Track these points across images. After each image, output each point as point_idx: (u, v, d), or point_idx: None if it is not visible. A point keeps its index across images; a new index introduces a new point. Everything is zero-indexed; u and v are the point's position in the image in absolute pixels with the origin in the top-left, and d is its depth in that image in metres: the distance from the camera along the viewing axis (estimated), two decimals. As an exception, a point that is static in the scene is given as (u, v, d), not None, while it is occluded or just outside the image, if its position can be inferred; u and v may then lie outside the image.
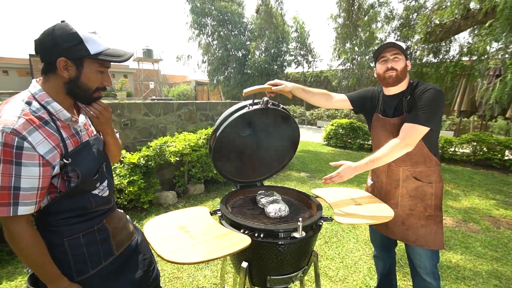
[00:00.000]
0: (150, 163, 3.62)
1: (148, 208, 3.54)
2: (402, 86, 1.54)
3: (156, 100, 6.81)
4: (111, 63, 1.00)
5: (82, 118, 1.08)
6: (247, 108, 1.48)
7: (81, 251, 1.00)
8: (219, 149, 1.56)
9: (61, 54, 0.89)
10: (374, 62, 1.64)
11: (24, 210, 0.86)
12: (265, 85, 1.55)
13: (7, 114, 0.85)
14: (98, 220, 1.08)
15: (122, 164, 3.47)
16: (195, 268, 2.40)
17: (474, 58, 5.45)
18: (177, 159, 3.83)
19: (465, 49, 5.55)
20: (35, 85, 0.94)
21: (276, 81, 1.57)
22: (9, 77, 18.63)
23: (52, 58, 0.90)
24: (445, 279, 2.28)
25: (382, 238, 1.82)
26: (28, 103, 0.90)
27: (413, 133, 1.41)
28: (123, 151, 3.61)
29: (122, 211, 1.30)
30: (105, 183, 1.11)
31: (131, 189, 3.27)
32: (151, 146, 3.81)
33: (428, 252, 1.55)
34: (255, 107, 1.48)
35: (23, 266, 2.36)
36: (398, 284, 2.16)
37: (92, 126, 1.15)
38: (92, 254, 1.03)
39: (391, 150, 1.42)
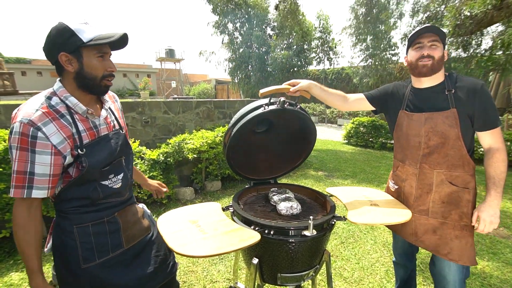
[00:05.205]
0: (169, 159, 3.72)
1: (167, 203, 3.65)
2: (437, 78, 1.37)
3: (177, 99, 6.98)
4: (112, 50, 1.06)
5: (103, 113, 1.14)
6: (262, 108, 1.43)
7: (88, 240, 1.06)
8: (233, 147, 1.57)
9: (60, 49, 0.96)
10: (406, 49, 1.46)
11: (37, 193, 0.94)
12: (283, 86, 1.48)
13: (27, 107, 0.94)
14: (109, 212, 1.12)
15: (143, 160, 3.60)
16: (209, 263, 2.45)
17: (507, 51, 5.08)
18: (195, 156, 3.90)
19: (498, 42, 5.19)
20: (57, 83, 1.03)
21: (293, 81, 1.49)
22: (43, 78, 19.93)
23: (55, 57, 0.97)
24: (469, 286, 2.15)
25: (405, 247, 1.70)
26: (49, 98, 0.99)
27: (501, 137, 1.33)
28: (143, 148, 3.74)
29: (142, 206, 1.34)
30: (120, 176, 1.15)
31: (150, 184, 3.38)
32: (170, 143, 3.91)
33: (460, 265, 1.39)
34: (271, 107, 1.43)
35: (51, 254, 2.52)
36: (417, 288, 2.07)
37: (114, 121, 1.20)
38: (99, 244, 1.08)
39: (505, 163, 1.30)
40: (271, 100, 1.46)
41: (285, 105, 1.43)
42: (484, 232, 1.33)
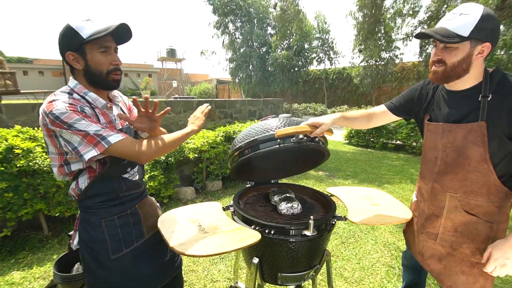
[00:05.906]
0: (170, 159, 3.72)
1: (168, 203, 3.66)
2: (471, 79, 1.06)
3: (178, 99, 6.99)
4: (116, 44, 1.08)
5: (115, 109, 1.18)
6: (277, 146, 1.29)
7: (116, 232, 1.11)
8: (239, 168, 1.51)
9: (67, 49, 0.99)
10: None
11: (114, 138, 0.97)
12: (302, 127, 1.28)
13: (59, 101, 0.96)
14: (131, 205, 1.18)
15: (144, 160, 3.60)
16: (210, 262, 2.45)
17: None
18: (196, 155, 3.91)
19: (500, 42, 5.17)
20: (73, 81, 1.06)
21: (313, 121, 1.27)
22: (44, 77, 20.04)
23: (65, 57, 1.01)
24: (470, 286, 2.15)
25: (413, 261, 1.58)
26: (70, 94, 1.02)
27: None
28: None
29: (153, 198, 1.40)
30: (135, 169, 1.21)
31: (151, 183, 3.39)
32: (171, 143, 3.91)
33: None
34: (287, 145, 1.28)
35: (52, 253, 2.53)
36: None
37: None
38: (125, 235, 1.14)
39: None
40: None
41: (303, 142, 1.29)
42: (492, 274, 1.05)
